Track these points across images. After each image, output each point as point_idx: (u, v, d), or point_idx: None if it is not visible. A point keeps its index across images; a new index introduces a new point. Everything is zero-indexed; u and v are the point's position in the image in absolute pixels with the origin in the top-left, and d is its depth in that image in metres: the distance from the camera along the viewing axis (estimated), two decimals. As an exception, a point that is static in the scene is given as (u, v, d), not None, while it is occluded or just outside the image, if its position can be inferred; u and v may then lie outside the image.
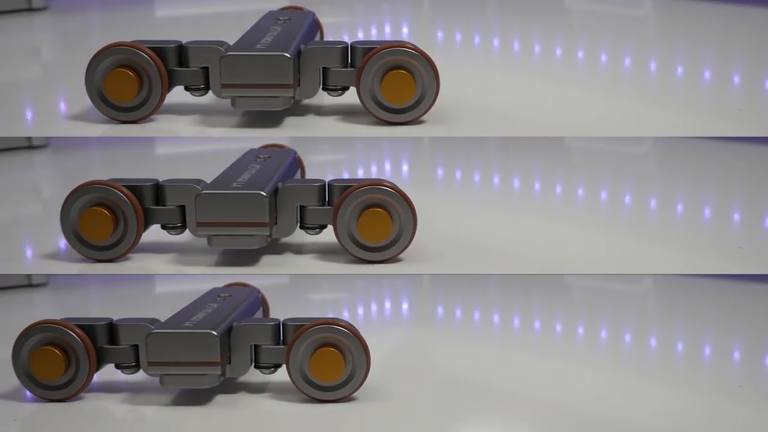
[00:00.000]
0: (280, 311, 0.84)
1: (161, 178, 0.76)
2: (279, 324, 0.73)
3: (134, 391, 0.75)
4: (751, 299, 0.98)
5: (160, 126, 0.77)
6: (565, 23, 1.12)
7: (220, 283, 0.85)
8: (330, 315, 0.88)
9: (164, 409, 0.72)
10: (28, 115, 0.84)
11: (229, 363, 0.72)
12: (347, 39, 1.01)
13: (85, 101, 0.77)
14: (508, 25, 1.13)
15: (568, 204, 0.94)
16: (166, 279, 1.05)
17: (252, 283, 0.86)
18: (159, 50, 0.76)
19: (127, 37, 0.77)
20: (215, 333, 0.71)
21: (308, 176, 0.90)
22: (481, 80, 0.92)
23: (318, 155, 1.10)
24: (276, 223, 0.75)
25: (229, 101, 0.77)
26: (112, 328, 0.74)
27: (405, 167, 1.06)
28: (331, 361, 0.71)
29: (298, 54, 0.76)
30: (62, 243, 0.78)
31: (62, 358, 0.72)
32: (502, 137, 1.03)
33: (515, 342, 0.91)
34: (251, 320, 0.74)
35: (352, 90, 0.77)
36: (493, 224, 0.87)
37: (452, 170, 1.04)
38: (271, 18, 0.84)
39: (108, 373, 0.75)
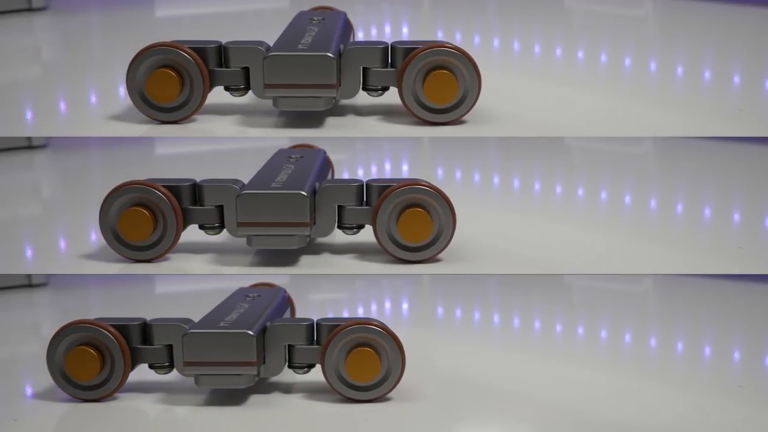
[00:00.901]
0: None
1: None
2: (313, 324, 0.73)
3: (167, 391, 0.74)
4: (751, 299, 0.98)
5: (201, 126, 0.77)
6: (565, 23, 1.12)
7: (246, 283, 0.85)
8: (330, 315, 0.89)
9: (199, 410, 0.72)
10: (28, 115, 0.84)
11: (263, 363, 0.72)
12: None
13: (115, 102, 0.77)
14: (508, 25, 1.13)
15: (568, 204, 0.94)
16: (166, 279, 1.05)
17: (238, 282, 0.86)
18: (199, 50, 0.76)
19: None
20: (252, 333, 0.71)
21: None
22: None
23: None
24: (314, 223, 0.75)
25: (267, 101, 0.76)
26: (145, 328, 0.73)
27: (405, 167, 1.06)
28: (366, 361, 0.71)
29: (339, 54, 0.76)
30: (97, 243, 0.78)
31: (97, 358, 0.72)
32: (502, 137, 1.03)
33: (515, 342, 0.91)
34: (285, 320, 0.74)
35: (384, 89, 0.77)
36: (497, 224, 0.87)
37: (452, 170, 1.04)
38: (305, 18, 0.84)
39: (139, 373, 0.75)
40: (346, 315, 0.96)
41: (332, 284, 1.04)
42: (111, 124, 0.79)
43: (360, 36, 1.05)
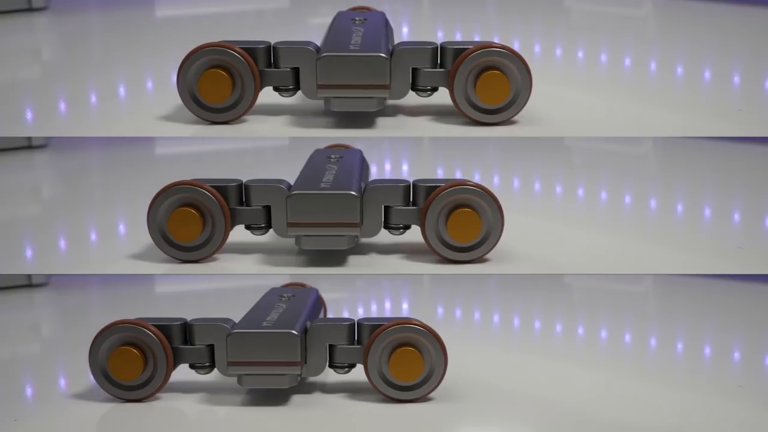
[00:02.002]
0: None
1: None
2: (354, 323, 0.73)
3: (208, 391, 0.74)
4: (751, 299, 0.98)
5: (252, 127, 0.77)
6: (565, 23, 1.12)
7: (269, 283, 0.85)
8: (330, 315, 0.88)
9: (241, 410, 0.72)
10: (28, 115, 0.84)
11: (305, 363, 0.72)
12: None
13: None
14: (508, 25, 1.13)
15: (568, 204, 0.94)
16: (166, 279, 1.05)
17: (251, 282, 0.86)
18: (250, 51, 0.75)
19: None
20: (297, 332, 0.71)
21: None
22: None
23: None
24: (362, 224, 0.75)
25: (314, 101, 0.76)
26: (186, 328, 0.73)
27: (405, 167, 1.06)
28: (410, 360, 0.71)
29: (390, 55, 0.75)
30: (143, 245, 0.77)
31: (140, 358, 0.71)
32: (502, 138, 1.03)
33: (515, 342, 0.91)
34: (327, 320, 0.74)
35: (434, 90, 0.77)
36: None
37: (452, 171, 1.04)
38: (347, 18, 0.84)
39: (178, 372, 0.74)
40: (346, 315, 0.96)
41: (333, 284, 1.04)
42: (160, 124, 0.78)
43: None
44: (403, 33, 1.07)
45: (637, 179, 1.02)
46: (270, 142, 1.12)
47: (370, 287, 1.04)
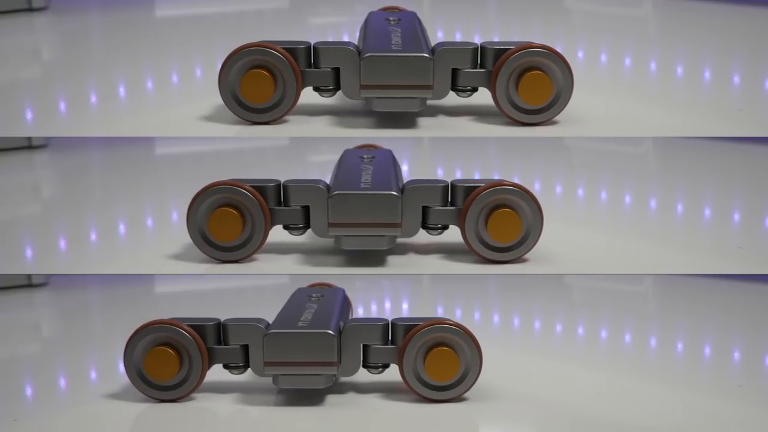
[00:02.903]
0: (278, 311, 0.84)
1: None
2: (388, 323, 0.73)
3: (242, 391, 0.74)
4: (751, 299, 0.98)
5: (295, 127, 0.77)
6: (565, 23, 1.12)
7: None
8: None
9: (277, 410, 0.72)
10: (28, 115, 0.84)
11: (340, 363, 0.72)
12: (346, 38, 1.01)
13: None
14: (508, 25, 1.13)
15: (568, 204, 0.94)
16: (166, 279, 1.05)
17: (251, 282, 0.86)
18: (291, 51, 0.75)
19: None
20: (333, 333, 0.71)
21: (311, 176, 0.90)
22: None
23: (318, 155, 1.10)
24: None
25: (353, 101, 0.77)
26: (220, 328, 0.73)
27: (405, 167, 1.06)
28: (445, 360, 0.71)
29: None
30: (181, 245, 0.77)
31: (176, 358, 0.71)
32: (501, 137, 1.03)
33: (515, 342, 0.91)
34: (361, 320, 0.73)
35: (473, 90, 0.77)
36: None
37: (452, 171, 1.04)
38: (382, 19, 0.84)
39: (211, 372, 0.74)
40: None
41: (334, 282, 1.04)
42: (201, 124, 0.78)
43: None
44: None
45: (637, 179, 1.02)
46: (270, 142, 1.12)
47: (370, 287, 1.03)
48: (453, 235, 0.75)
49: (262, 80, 0.75)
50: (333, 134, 0.76)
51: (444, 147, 1.10)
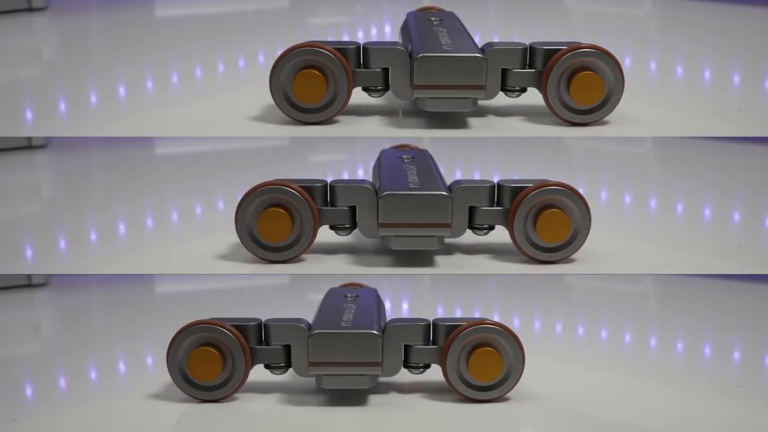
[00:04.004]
0: (280, 311, 0.84)
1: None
2: (429, 324, 0.73)
3: (284, 391, 0.74)
4: (751, 299, 0.98)
5: (347, 127, 0.76)
6: (565, 23, 1.12)
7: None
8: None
9: (321, 410, 0.72)
10: (28, 115, 0.84)
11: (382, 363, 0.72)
12: (346, 38, 1.01)
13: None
14: (508, 25, 1.13)
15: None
16: (165, 280, 1.05)
17: (252, 283, 0.86)
18: (342, 51, 0.75)
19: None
20: (378, 333, 0.71)
21: (311, 176, 0.90)
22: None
23: (318, 155, 1.10)
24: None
25: (399, 102, 0.76)
26: (261, 328, 0.73)
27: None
28: (489, 361, 0.71)
29: None
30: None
31: (220, 359, 0.71)
32: (501, 138, 1.03)
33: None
34: (403, 320, 0.73)
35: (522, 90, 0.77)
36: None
37: (452, 171, 1.04)
38: (425, 19, 0.84)
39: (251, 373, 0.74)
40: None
41: (332, 283, 1.04)
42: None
43: (360, 36, 1.05)
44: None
45: (637, 179, 1.02)
46: (270, 142, 1.12)
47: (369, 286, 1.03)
48: (497, 235, 0.75)
49: (314, 80, 0.74)
50: (385, 134, 0.77)
51: (444, 148, 1.10)
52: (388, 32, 1.07)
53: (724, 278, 1.01)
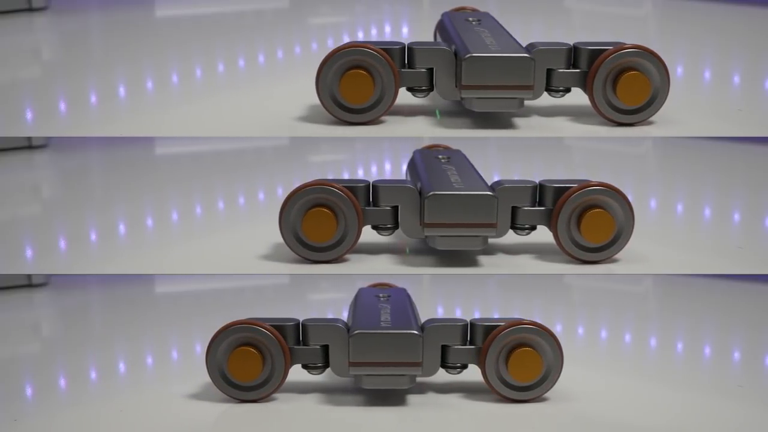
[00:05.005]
0: (280, 311, 0.84)
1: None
2: (467, 324, 0.73)
3: (320, 391, 0.74)
4: (751, 299, 0.98)
5: (394, 127, 0.76)
6: (565, 23, 1.12)
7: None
8: (330, 315, 0.88)
9: (361, 410, 0.72)
10: (28, 115, 0.84)
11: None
12: (346, 39, 1.01)
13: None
14: (508, 25, 1.13)
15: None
16: (165, 280, 1.05)
17: (251, 283, 0.86)
18: (387, 51, 0.75)
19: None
20: (419, 333, 0.71)
21: (312, 176, 0.90)
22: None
23: (318, 155, 1.10)
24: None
25: (441, 100, 0.76)
26: (300, 329, 0.73)
27: (404, 167, 1.06)
28: (529, 361, 0.72)
29: None
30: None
31: (260, 359, 0.72)
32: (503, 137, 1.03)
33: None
34: (441, 320, 0.74)
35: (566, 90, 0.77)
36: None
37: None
38: (463, 19, 0.84)
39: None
40: (345, 315, 0.96)
41: (332, 285, 1.04)
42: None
43: (360, 36, 1.05)
44: (402, 33, 1.07)
45: (637, 179, 1.02)
46: (270, 141, 1.12)
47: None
48: (537, 235, 0.75)
49: (361, 81, 0.74)
50: (432, 134, 0.77)
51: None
52: (388, 32, 1.07)
53: (724, 278, 1.01)
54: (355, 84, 0.75)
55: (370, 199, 0.75)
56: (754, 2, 1.14)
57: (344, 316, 0.96)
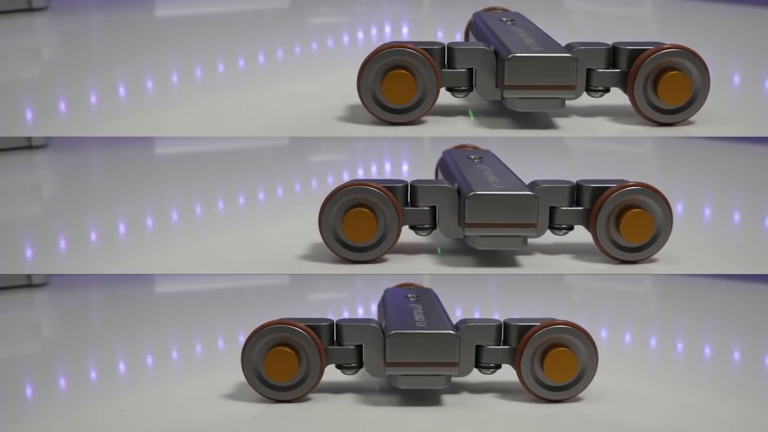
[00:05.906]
0: (280, 311, 0.84)
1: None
2: (501, 324, 0.73)
3: (354, 391, 0.75)
4: (751, 299, 0.98)
5: (434, 127, 0.76)
6: (565, 23, 1.12)
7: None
8: (330, 315, 0.88)
9: (397, 410, 0.72)
10: (28, 115, 0.84)
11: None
12: (346, 39, 1.01)
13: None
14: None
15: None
16: (165, 280, 1.05)
17: (251, 283, 0.86)
18: (428, 51, 0.75)
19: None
20: (455, 333, 0.71)
21: (312, 176, 0.90)
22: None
23: (318, 155, 1.10)
24: None
25: (482, 101, 0.77)
26: (334, 329, 0.73)
27: (405, 167, 1.06)
28: (564, 361, 0.72)
29: None
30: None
31: (296, 359, 0.72)
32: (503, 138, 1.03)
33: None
34: (475, 320, 0.74)
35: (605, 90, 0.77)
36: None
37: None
38: (495, 19, 0.84)
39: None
40: (345, 315, 0.96)
41: (332, 284, 1.04)
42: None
43: (360, 36, 1.04)
44: (403, 33, 1.07)
45: (637, 179, 1.01)
46: (270, 141, 1.12)
47: (370, 286, 1.03)
48: (574, 235, 0.75)
49: (404, 81, 0.74)
50: (474, 134, 0.77)
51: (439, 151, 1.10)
52: (388, 32, 1.07)
53: (724, 278, 1.01)
54: (397, 84, 0.74)
55: (408, 200, 0.75)
56: (754, 2, 1.14)
57: (345, 315, 0.96)
